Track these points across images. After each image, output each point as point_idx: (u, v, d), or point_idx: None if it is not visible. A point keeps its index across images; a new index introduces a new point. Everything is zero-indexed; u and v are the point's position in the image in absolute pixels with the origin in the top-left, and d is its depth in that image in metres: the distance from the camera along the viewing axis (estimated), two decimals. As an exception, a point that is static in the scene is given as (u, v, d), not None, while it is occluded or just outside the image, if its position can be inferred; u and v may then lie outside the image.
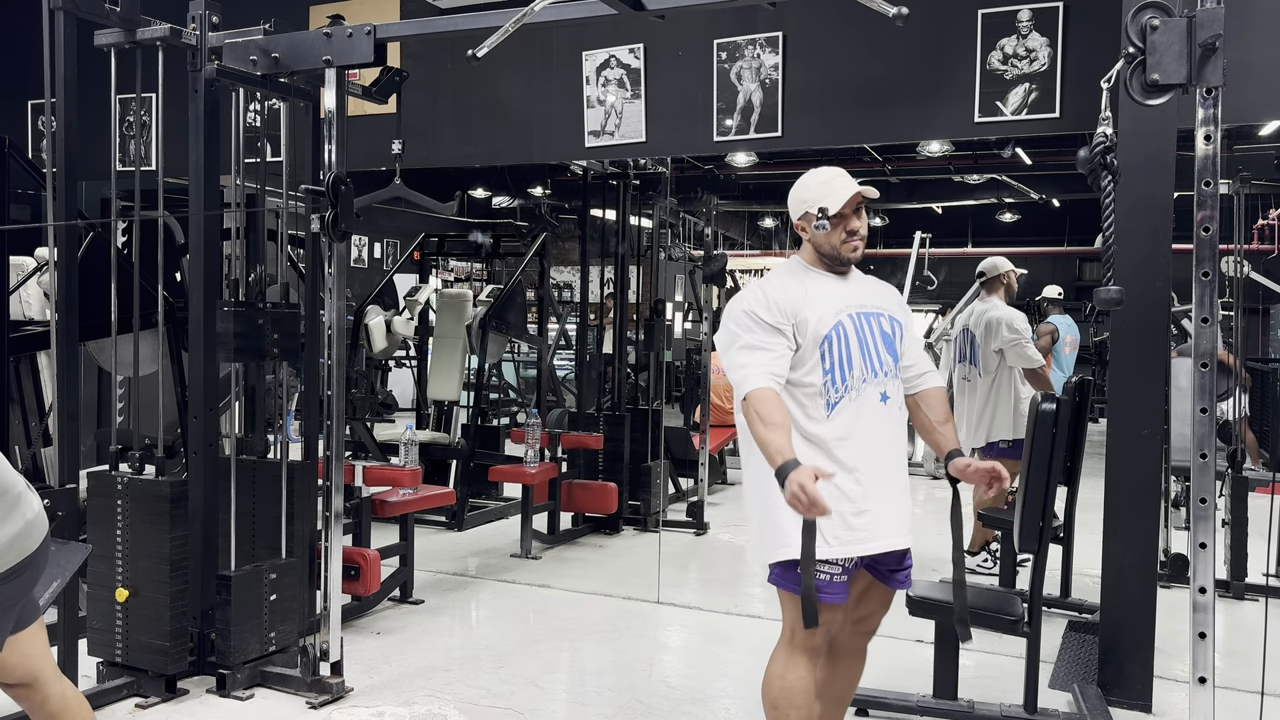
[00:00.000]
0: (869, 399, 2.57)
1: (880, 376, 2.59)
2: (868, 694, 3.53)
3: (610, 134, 4.94)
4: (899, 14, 2.88)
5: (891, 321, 2.66)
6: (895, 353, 2.63)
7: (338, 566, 3.63)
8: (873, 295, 2.71)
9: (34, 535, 2.25)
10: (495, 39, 3.24)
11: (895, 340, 2.64)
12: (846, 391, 2.55)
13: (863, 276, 2.79)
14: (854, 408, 2.55)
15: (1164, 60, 2.32)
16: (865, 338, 2.59)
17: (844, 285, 2.68)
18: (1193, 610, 2.38)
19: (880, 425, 2.58)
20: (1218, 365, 2.44)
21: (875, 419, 2.57)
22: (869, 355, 2.58)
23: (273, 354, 3.70)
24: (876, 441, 2.57)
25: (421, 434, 6.70)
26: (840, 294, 2.64)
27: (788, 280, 2.67)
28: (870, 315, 2.63)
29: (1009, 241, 16.46)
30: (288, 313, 3.77)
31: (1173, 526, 5.28)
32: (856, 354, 2.56)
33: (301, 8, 5.50)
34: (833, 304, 2.60)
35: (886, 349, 2.62)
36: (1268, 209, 8.88)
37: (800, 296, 2.59)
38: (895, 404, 2.62)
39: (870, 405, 2.57)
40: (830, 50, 4.56)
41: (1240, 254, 5.59)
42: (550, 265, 7.30)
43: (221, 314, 3.62)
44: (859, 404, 2.56)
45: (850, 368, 2.55)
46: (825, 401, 2.55)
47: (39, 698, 2.36)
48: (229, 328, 3.59)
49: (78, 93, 3.38)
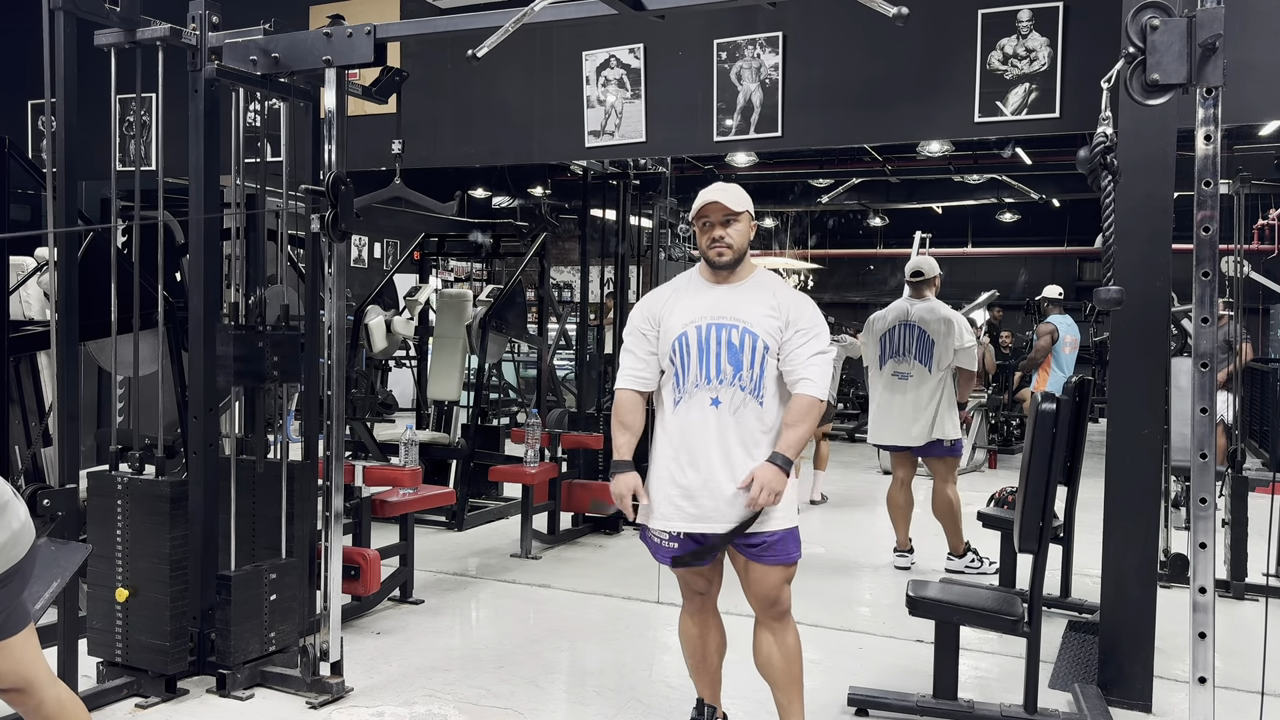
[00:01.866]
0: (699, 402, 2.88)
1: (713, 383, 2.87)
2: (868, 694, 3.54)
3: (610, 134, 4.94)
4: (899, 14, 2.88)
5: (744, 334, 2.87)
6: (739, 363, 2.86)
7: (338, 566, 3.63)
8: (738, 307, 2.91)
9: (20, 544, 2.23)
10: (495, 39, 3.25)
11: (743, 351, 2.86)
12: (684, 393, 2.91)
13: (755, 285, 2.97)
14: (687, 408, 2.90)
15: (1164, 60, 2.32)
16: (707, 348, 2.88)
17: (713, 296, 2.94)
18: (1193, 610, 2.38)
19: (709, 426, 2.86)
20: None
21: (704, 420, 2.87)
22: (706, 363, 2.88)
23: (273, 376, 3.71)
24: (705, 440, 2.86)
25: (421, 434, 6.70)
26: (701, 305, 2.93)
27: (666, 290, 3.07)
28: (721, 327, 2.88)
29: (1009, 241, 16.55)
30: (288, 335, 3.77)
31: (1173, 526, 5.28)
32: (694, 361, 2.89)
33: (301, 8, 5.50)
34: (688, 314, 2.92)
35: (729, 359, 2.86)
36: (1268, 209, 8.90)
37: (669, 305, 2.97)
38: (729, 408, 2.86)
39: (700, 408, 2.88)
40: (830, 50, 4.56)
41: (1240, 254, 5.59)
42: (550, 265, 7.30)
43: (222, 336, 3.62)
44: (690, 405, 2.89)
45: (687, 373, 2.90)
46: (673, 399, 2.93)
47: (33, 702, 2.35)
48: (229, 351, 3.59)
49: (78, 93, 3.37)
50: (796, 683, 3.00)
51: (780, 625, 2.98)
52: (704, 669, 3.11)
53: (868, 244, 18.13)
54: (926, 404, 5.48)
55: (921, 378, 5.50)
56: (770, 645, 2.98)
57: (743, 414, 2.86)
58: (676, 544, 2.92)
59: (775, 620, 2.98)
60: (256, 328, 3.71)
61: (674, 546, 2.93)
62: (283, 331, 3.76)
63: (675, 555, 2.93)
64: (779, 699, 3.02)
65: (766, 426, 2.87)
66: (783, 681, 3.00)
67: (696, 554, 2.91)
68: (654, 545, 2.98)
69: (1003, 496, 5.16)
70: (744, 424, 2.86)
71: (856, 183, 12.82)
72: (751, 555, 2.90)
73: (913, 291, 5.70)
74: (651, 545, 3.00)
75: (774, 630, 2.98)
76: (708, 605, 3.07)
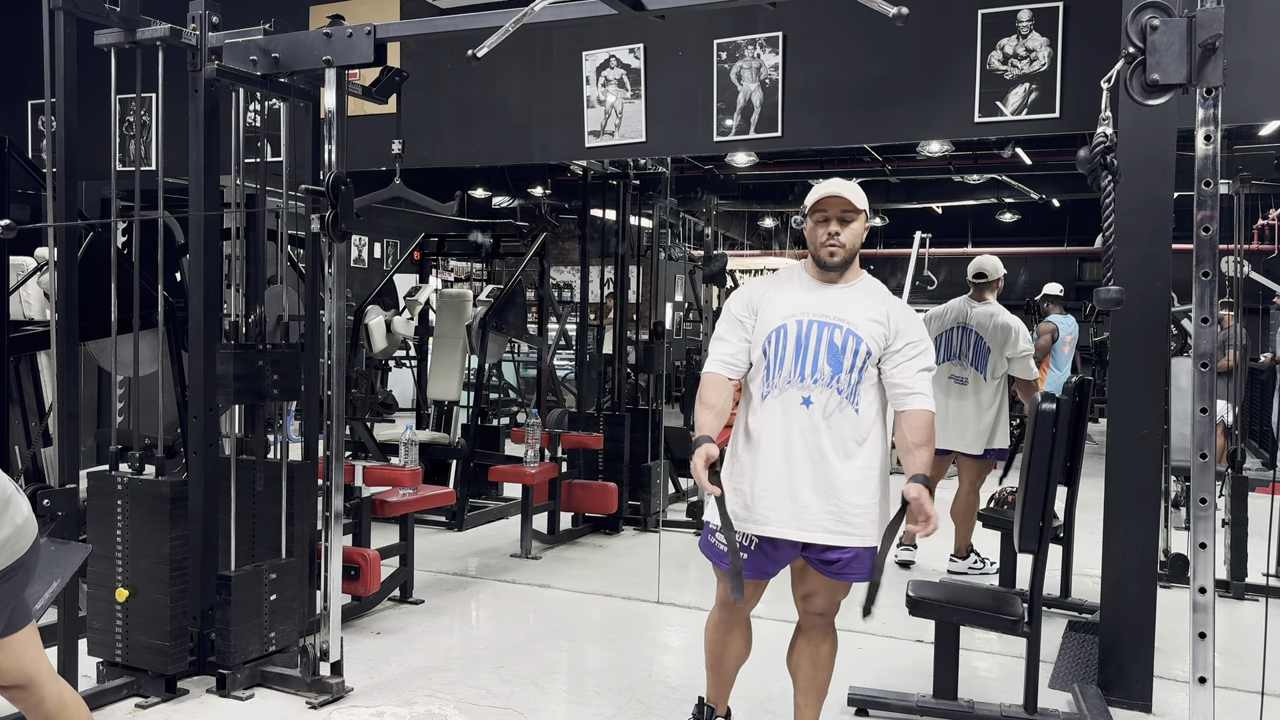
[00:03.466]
0: (791, 400, 2.75)
1: (808, 382, 2.74)
2: (868, 694, 3.54)
3: (610, 134, 4.94)
4: (899, 14, 2.88)
5: (847, 335, 2.75)
6: (839, 364, 2.74)
7: (338, 566, 3.63)
8: (843, 307, 2.80)
9: (23, 539, 2.23)
10: (495, 39, 3.24)
11: (844, 353, 2.74)
12: (773, 388, 2.78)
13: (861, 290, 2.86)
14: (777, 404, 2.77)
15: (1164, 60, 2.32)
16: (805, 344, 2.76)
17: (818, 294, 2.83)
18: (1193, 610, 2.37)
19: (796, 426, 2.74)
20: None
21: (792, 419, 2.75)
22: (803, 360, 2.75)
23: (273, 395, 3.71)
24: (790, 440, 2.74)
25: (421, 434, 6.70)
26: (805, 300, 2.82)
27: (769, 280, 2.95)
28: (824, 325, 2.77)
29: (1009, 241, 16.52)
30: (288, 353, 3.77)
31: (1173, 526, 5.28)
32: (790, 355, 2.76)
33: (301, 8, 5.50)
34: (790, 308, 2.81)
35: (829, 359, 2.74)
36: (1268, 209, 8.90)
37: (770, 295, 2.86)
38: (821, 411, 2.73)
39: (791, 406, 2.75)
40: (830, 50, 4.56)
41: (1240, 254, 5.58)
42: (550, 265, 7.29)
43: (221, 355, 3.61)
44: (781, 402, 2.76)
45: (780, 367, 2.77)
46: (760, 394, 2.80)
47: (35, 699, 2.35)
48: (229, 370, 3.58)
49: (78, 93, 3.37)
50: (821, 690, 2.98)
51: (824, 633, 2.94)
52: (719, 669, 3.04)
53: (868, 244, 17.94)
54: (985, 410, 5.40)
55: (977, 384, 5.41)
56: (806, 649, 2.95)
57: (836, 419, 2.73)
58: (746, 554, 2.78)
59: (824, 629, 2.94)
60: (256, 345, 3.70)
61: (744, 557, 2.77)
62: (282, 349, 3.76)
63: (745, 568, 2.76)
64: (798, 700, 2.99)
65: (860, 435, 2.75)
66: (807, 685, 2.96)
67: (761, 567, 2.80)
68: (719, 552, 2.80)
69: (1003, 496, 5.16)
70: (836, 429, 2.73)
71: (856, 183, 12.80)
72: (832, 572, 2.79)
73: (974, 293, 5.60)
74: (714, 553, 2.83)
75: (815, 638, 2.95)
76: (740, 619, 2.96)
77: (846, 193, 2.77)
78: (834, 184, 2.80)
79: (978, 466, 5.48)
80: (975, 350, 5.46)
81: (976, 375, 5.43)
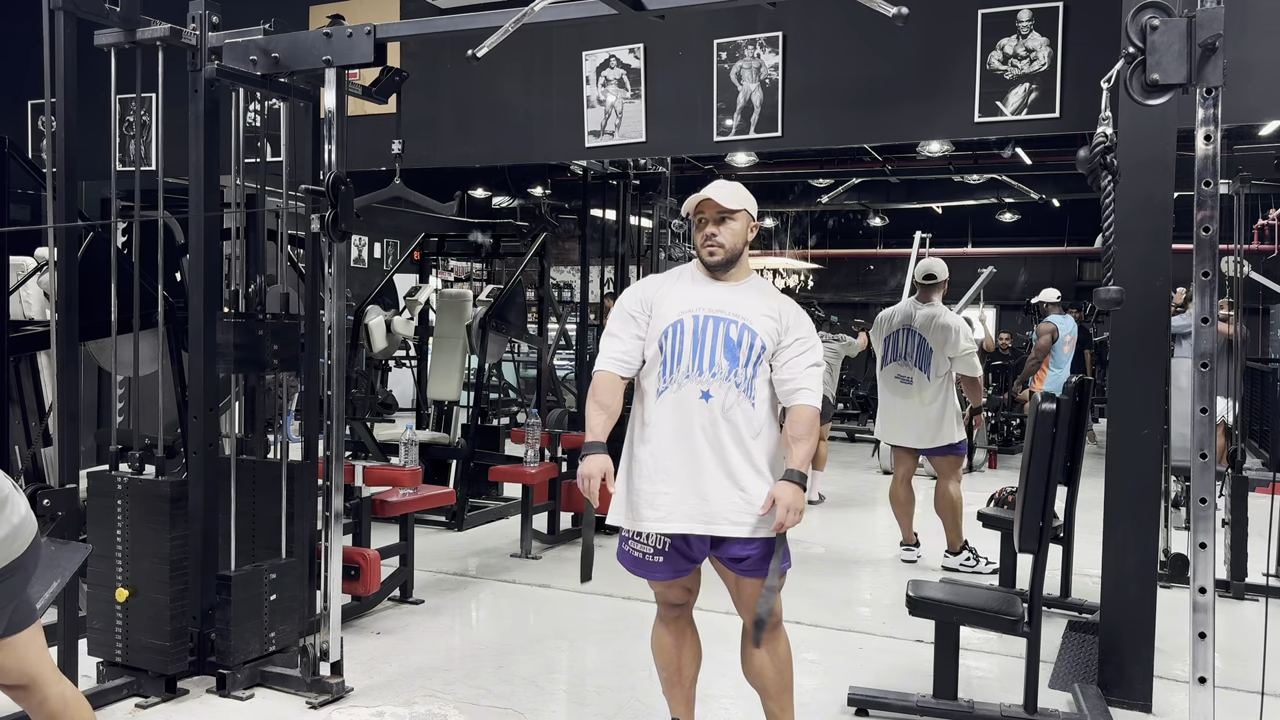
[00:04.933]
0: (689, 394, 2.76)
1: (705, 376, 2.76)
2: (868, 694, 3.54)
3: (610, 134, 4.94)
4: (899, 14, 2.88)
5: (743, 329, 2.78)
6: (736, 358, 2.76)
7: (338, 566, 3.63)
8: (737, 304, 2.83)
9: (21, 538, 2.23)
10: (495, 39, 3.25)
11: (740, 347, 2.77)
12: (671, 383, 2.78)
13: (752, 288, 2.90)
14: (675, 399, 2.77)
15: (1164, 60, 2.32)
16: (702, 338, 2.78)
17: (710, 289, 2.87)
18: (1193, 610, 2.38)
19: (697, 420, 2.75)
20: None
21: (692, 413, 2.75)
22: (700, 354, 2.77)
23: (273, 365, 3.70)
24: (691, 433, 2.75)
25: (421, 434, 6.70)
26: (699, 296, 2.85)
27: (661, 278, 3.00)
28: (720, 320, 2.79)
29: (1009, 241, 16.55)
30: (287, 324, 3.77)
31: (1173, 526, 5.28)
32: (688, 350, 2.78)
33: (301, 8, 5.50)
34: (685, 303, 2.83)
35: (725, 353, 2.77)
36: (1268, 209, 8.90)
37: (664, 292, 2.89)
38: (720, 404, 2.75)
39: (690, 400, 2.76)
40: (830, 50, 4.56)
41: (1240, 254, 5.59)
42: (550, 265, 7.30)
43: (221, 325, 3.62)
44: (680, 396, 2.77)
45: (678, 361, 2.78)
46: (656, 389, 2.81)
47: (38, 699, 2.36)
48: (229, 339, 3.59)
49: (78, 93, 3.37)
50: (788, 689, 2.96)
51: (774, 633, 2.89)
52: (679, 682, 3.00)
53: (868, 244, 18.14)
54: (927, 408, 5.56)
55: (921, 383, 5.57)
56: (762, 656, 2.89)
57: (734, 412, 2.75)
58: (662, 558, 2.80)
59: (772, 629, 2.90)
60: (256, 316, 3.71)
61: (659, 561, 2.81)
62: (282, 320, 3.76)
63: (658, 571, 2.82)
64: (770, 707, 2.96)
65: (755, 430, 2.77)
66: (775, 690, 2.94)
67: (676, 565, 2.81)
68: (638, 561, 2.85)
69: (1003, 496, 5.16)
70: (735, 423, 2.74)
71: (856, 183, 12.82)
72: (742, 570, 2.79)
73: (921, 293, 5.73)
74: (630, 561, 2.87)
75: (767, 637, 2.89)
76: (685, 615, 2.99)
77: (718, 195, 2.82)
78: (710, 187, 2.87)
79: (944, 462, 5.60)
80: (919, 351, 5.61)
81: (920, 374, 5.58)
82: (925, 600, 3.44)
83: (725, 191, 2.85)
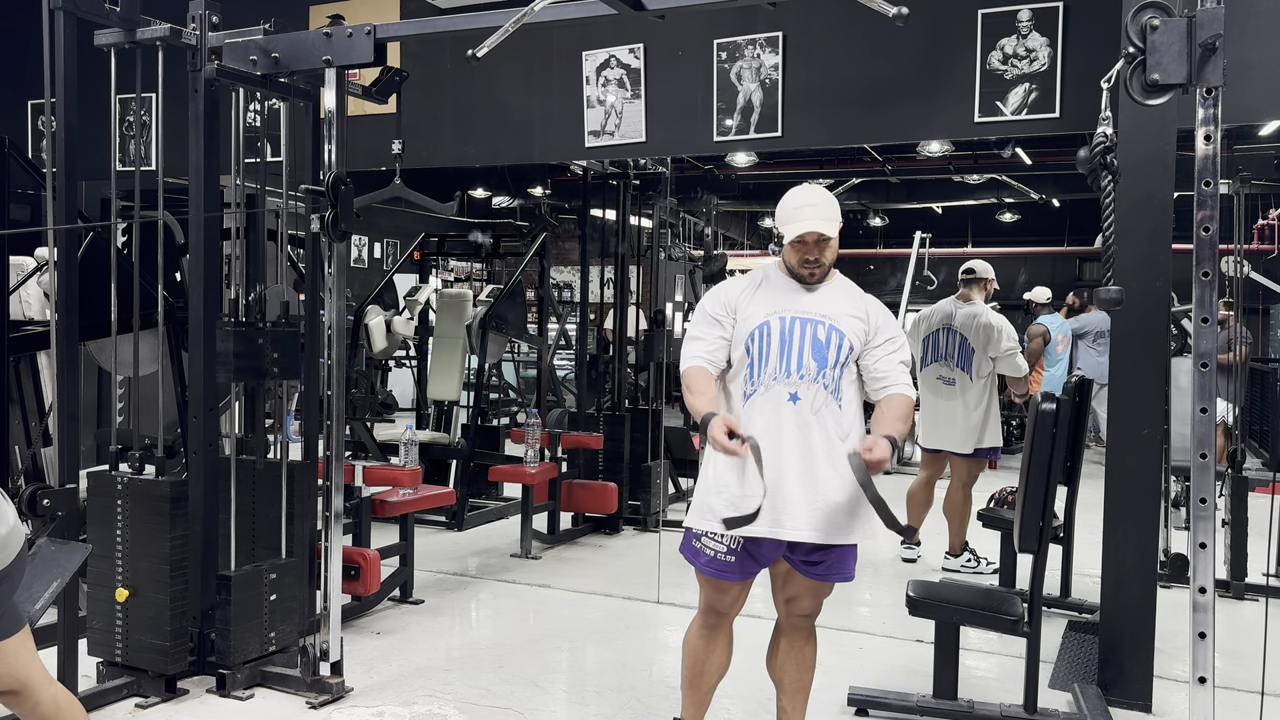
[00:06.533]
0: (778, 397, 2.73)
1: (793, 378, 2.73)
2: (868, 694, 3.54)
3: (610, 134, 4.94)
4: (899, 14, 2.88)
5: (830, 330, 2.77)
6: (825, 359, 2.74)
7: (338, 566, 3.63)
8: (823, 305, 2.81)
9: (8, 548, 2.21)
10: (495, 39, 3.25)
11: (829, 348, 2.75)
12: (758, 385, 2.76)
13: (836, 289, 2.88)
14: (763, 402, 2.75)
15: (1164, 60, 2.32)
16: (790, 340, 2.75)
17: (796, 293, 2.84)
18: (1193, 610, 2.38)
19: (786, 422, 2.72)
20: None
21: (781, 415, 2.72)
22: (788, 356, 2.74)
23: (273, 373, 3.70)
24: (780, 436, 2.71)
25: (421, 434, 6.70)
26: (784, 299, 2.82)
27: (743, 281, 2.92)
28: (807, 321, 2.77)
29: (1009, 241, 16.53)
30: (288, 331, 3.77)
31: (1173, 526, 5.28)
32: (775, 352, 2.75)
33: (301, 8, 5.50)
34: (771, 306, 2.80)
35: (814, 354, 2.74)
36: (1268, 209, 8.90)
37: (748, 295, 2.84)
38: (808, 406, 2.72)
39: (778, 403, 2.73)
40: (830, 50, 4.56)
41: (1240, 254, 5.58)
42: (550, 265, 7.29)
43: (222, 334, 3.62)
44: (768, 399, 2.74)
45: (765, 363, 2.75)
46: (744, 392, 2.78)
47: (29, 704, 2.34)
48: (229, 347, 3.59)
49: (78, 93, 3.37)
50: (805, 692, 2.98)
51: (807, 636, 2.93)
52: (698, 685, 2.96)
53: (868, 244, 18.11)
54: (971, 412, 5.42)
55: (964, 384, 5.44)
56: (790, 653, 2.93)
57: (824, 414, 2.71)
58: (734, 558, 2.76)
59: (807, 631, 2.94)
60: (256, 324, 3.71)
61: (731, 561, 2.76)
62: (282, 328, 3.76)
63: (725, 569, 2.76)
64: (783, 703, 2.99)
65: (844, 432, 2.73)
66: (792, 689, 2.96)
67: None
68: (709, 560, 2.79)
69: (1003, 496, 5.16)
70: (824, 424, 2.71)
71: (856, 183, 12.81)
72: (815, 574, 2.79)
73: (961, 292, 5.63)
74: (702, 559, 2.80)
75: (799, 641, 2.94)
76: (725, 625, 2.92)
77: (822, 226, 2.74)
78: (811, 215, 2.75)
79: (967, 465, 5.51)
80: (960, 351, 5.50)
81: (962, 375, 5.47)
82: (925, 600, 3.44)
83: (826, 213, 2.76)
